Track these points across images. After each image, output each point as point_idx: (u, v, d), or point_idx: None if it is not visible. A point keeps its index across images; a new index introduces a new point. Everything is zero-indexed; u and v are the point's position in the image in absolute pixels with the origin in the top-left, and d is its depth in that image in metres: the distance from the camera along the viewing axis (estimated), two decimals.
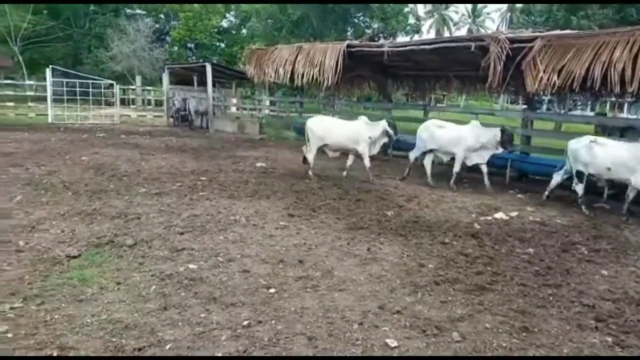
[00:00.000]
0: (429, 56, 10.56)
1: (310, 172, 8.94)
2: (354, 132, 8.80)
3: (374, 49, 11.17)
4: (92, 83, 19.59)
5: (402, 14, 28.22)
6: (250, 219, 5.91)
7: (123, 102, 25.29)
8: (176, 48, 43.88)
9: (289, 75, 13.39)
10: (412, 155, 9.30)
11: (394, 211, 6.69)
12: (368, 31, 27.30)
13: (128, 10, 42.75)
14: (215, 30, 41.06)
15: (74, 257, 4.30)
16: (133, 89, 29.70)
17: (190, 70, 20.07)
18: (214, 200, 6.86)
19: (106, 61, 35.63)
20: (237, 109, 24.86)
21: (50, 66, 18.30)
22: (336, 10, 24.47)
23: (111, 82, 20.30)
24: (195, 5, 39.21)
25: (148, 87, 28.12)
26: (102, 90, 19.78)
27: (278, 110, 19.28)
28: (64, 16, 39.11)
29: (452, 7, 68.88)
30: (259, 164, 10.27)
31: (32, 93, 19.18)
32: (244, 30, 45.95)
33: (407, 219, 6.30)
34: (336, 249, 4.90)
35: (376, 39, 23.27)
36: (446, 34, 60.83)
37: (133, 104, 30.41)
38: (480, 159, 8.66)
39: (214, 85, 23.02)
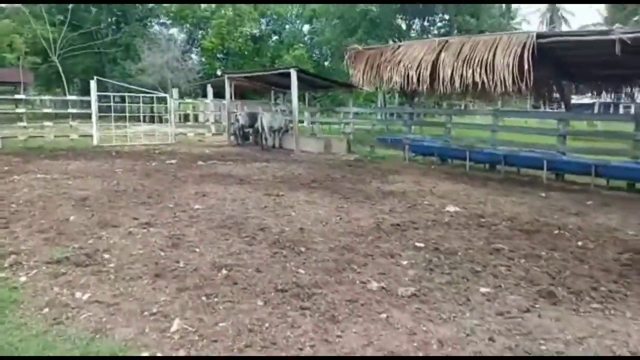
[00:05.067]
0: None
1: None
2: None
3: (591, 39, 7.80)
4: (142, 97, 16.41)
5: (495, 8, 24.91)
6: None
7: (159, 119, 22.08)
8: (204, 59, 41.01)
9: (427, 80, 10.04)
10: None
11: None
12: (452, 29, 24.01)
13: (154, 20, 39.87)
14: (249, 37, 38.01)
15: None
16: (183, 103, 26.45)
17: (260, 79, 16.82)
18: (536, 313, 3.54)
19: (134, 74, 32.57)
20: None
21: (95, 77, 15.09)
22: (419, 7, 21.18)
23: (164, 94, 17.08)
24: (228, 11, 36.14)
25: (205, 100, 24.55)
26: (155, 105, 16.58)
27: (363, 123, 15.95)
28: (85, 27, 36.18)
29: None
30: (451, 209, 6.91)
31: (75, 110, 15.94)
32: (274, 37, 43.00)
33: None
34: None
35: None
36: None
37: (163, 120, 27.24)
38: None
39: (277, 98, 19.88)
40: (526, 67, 8.30)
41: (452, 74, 9.58)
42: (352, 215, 6.44)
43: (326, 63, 38.63)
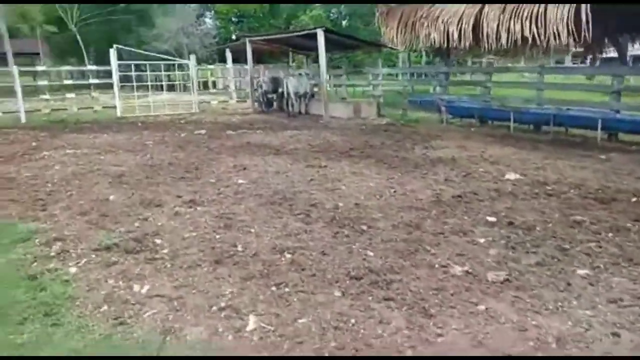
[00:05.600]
0: None
1: None
2: None
3: None
4: (164, 64, 15.90)
5: None
6: None
7: (180, 87, 21.40)
8: (218, 22, 40.02)
9: (469, 36, 9.36)
10: None
11: None
12: None
13: None
14: None
15: None
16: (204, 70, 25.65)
17: (283, 41, 16.15)
18: None
19: (149, 41, 31.83)
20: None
21: (115, 46, 14.60)
22: None
23: (185, 61, 16.57)
24: None
25: (226, 65, 23.30)
26: (177, 73, 16.10)
27: (388, 84, 15.29)
28: None
29: None
30: (511, 176, 6.45)
31: (96, 81, 15.57)
32: None
33: None
34: None
35: None
36: None
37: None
38: None
39: (294, 61, 19.19)
40: (584, 19, 7.60)
41: (497, 28, 8.89)
42: (406, 186, 6.01)
43: (344, 22, 37.42)
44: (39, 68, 17.70)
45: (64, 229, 4.62)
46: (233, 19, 39.85)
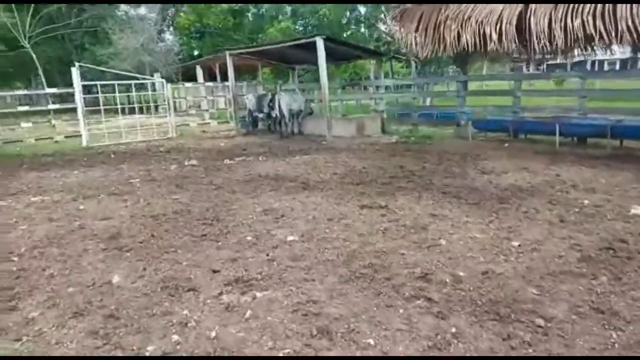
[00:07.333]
0: None
1: None
2: None
3: None
4: (132, 84, 13.91)
5: None
6: None
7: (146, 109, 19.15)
8: (180, 38, 37.93)
9: (513, 37, 8.05)
10: None
11: None
12: None
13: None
14: (229, 12, 35.02)
15: None
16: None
17: (268, 54, 14.50)
18: None
19: (106, 60, 29.47)
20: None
21: (77, 64, 12.55)
22: None
23: (157, 79, 14.62)
24: None
25: (205, 83, 21.37)
26: (150, 94, 14.12)
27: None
28: (43, 13, 32.48)
29: None
30: (638, 211, 4.96)
31: (57, 106, 13.40)
32: (253, 10, 39.76)
33: None
34: None
35: None
36: None
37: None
38: None
39: (255, 77, 17.54)
40: None
41: (549, 26, 7.58)
42: (524, 236, 4.44)
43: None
44: None
45: (54, 352, 2.77)
46: (195, 35, 37.88)
